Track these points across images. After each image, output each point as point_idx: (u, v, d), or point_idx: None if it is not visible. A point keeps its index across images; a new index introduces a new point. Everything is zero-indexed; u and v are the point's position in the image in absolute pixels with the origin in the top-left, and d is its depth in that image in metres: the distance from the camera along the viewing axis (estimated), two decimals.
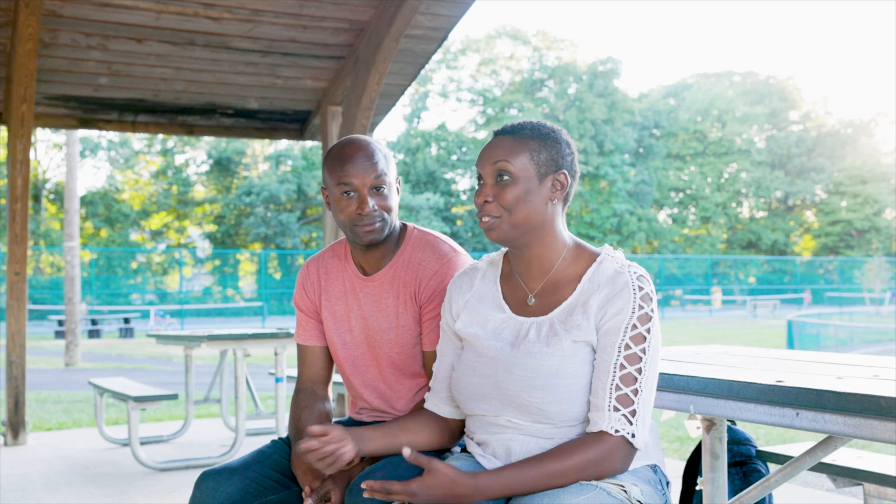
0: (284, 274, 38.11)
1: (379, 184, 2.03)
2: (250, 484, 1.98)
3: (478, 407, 1.79)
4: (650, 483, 1.75)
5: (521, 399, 1.71)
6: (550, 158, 1.77)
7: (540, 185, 1.76)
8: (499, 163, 1.76)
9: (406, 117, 47.32)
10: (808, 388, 1.76)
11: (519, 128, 1.80)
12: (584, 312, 1.72)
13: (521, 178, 1.75)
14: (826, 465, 2.71)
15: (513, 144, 1.77)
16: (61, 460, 5.56)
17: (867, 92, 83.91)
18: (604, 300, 1.71)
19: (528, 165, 1.75)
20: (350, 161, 2.03)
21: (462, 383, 1.81)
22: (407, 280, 2.11)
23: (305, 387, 2.23)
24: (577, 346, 1.71)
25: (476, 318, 1.85)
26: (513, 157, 1.75)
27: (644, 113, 49.10)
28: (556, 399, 1.69)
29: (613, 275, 1.73)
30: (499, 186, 1.76)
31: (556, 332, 1.73)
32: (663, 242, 47.76)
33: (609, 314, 1.69)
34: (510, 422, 1.74)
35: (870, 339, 18.75)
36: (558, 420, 1.70)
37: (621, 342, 1.68)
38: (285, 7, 6.23)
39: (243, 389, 5.39)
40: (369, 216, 2.01)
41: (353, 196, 2.03)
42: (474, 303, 1.87)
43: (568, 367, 1.69)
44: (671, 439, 6.22)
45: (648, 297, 1.70)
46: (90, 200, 38.78)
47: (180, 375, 11.89)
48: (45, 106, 7.09)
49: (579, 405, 1.70)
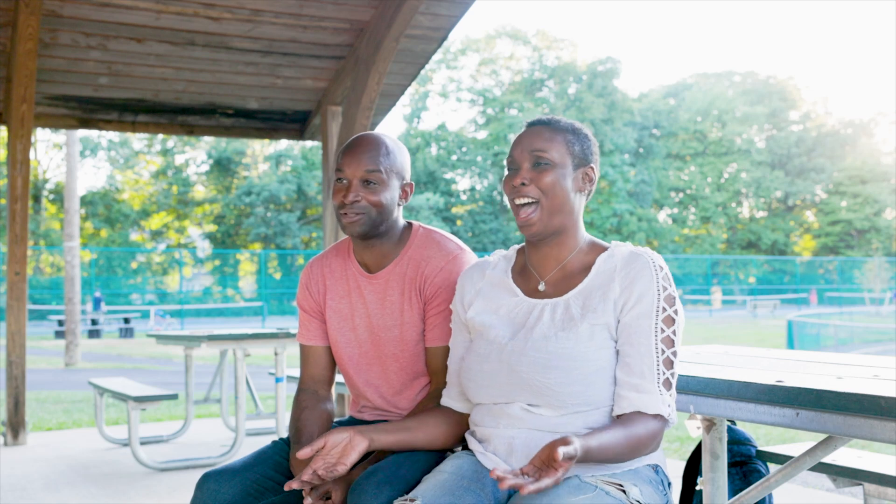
0: (284, 274, 38.12)
1: (370, 178, 2.04)
2: (252, 485, 1.98)
3: (487, 394, 1.79)
4: (651, 483, 1.74)
5: (533, 381, 1.71)
6: (583, 151, 1.83)
7: (574, 175, 1.81)
8: (536, 150, 1.79)
9: (406, 117, 47.33)
10: (808, 388, 1.76)
11: (554, 120, 1.85)
12: (604, 296, 1.73)
13: (559, 165, 1.79)
14: (826, 465, 2.71)
15: (551, 133, 1.81)
16: (61, 460, 5.56)
17: (867, 92, 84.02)
18: (625, 280, 1.73)
19: (565, 153, 1.80)
20: (351, 151, 2.08)
21: (473, 371, 1.82)
22: (412, 277, 2.11)
23: (308, 387, 2.23)
24: (593, 329, 1.72)
25: (489, 305, 1.87)
26: (551, 144, 1.79)
27: (644, 113, 49.10)
28: (570, 381, 1.69)
29: (630, 256, 1.76)
30: (536, 171, 1.79)
31: (571, 315, 1.75)
32: (663, 242, 47.74)
33: (635, 295, 1.71)
34: (521, 409, 1.74)
35: (870, 339, 18.74)
36: (569, 402, 1.70)
37: (656, 326, 1.71)
38: (285, 7, 6.22)
39: (243, 389, 5.39)
40: (350, 206, 2.04)
41: (344, 183, 2.07)
42: (486, 290, 1.90)
43: (583, 350, 1.70)
44: (671, 439, 6.22)
45: (668, 277, 1.74)
46: (90, 200, 38.79)
47: (180, 375, 11.89)
48: (45, 106, 7.09)
49: (592, 388, 1.71)
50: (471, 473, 1.74)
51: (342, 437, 1.77)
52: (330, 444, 1.76)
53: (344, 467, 1.74)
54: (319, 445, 1.74)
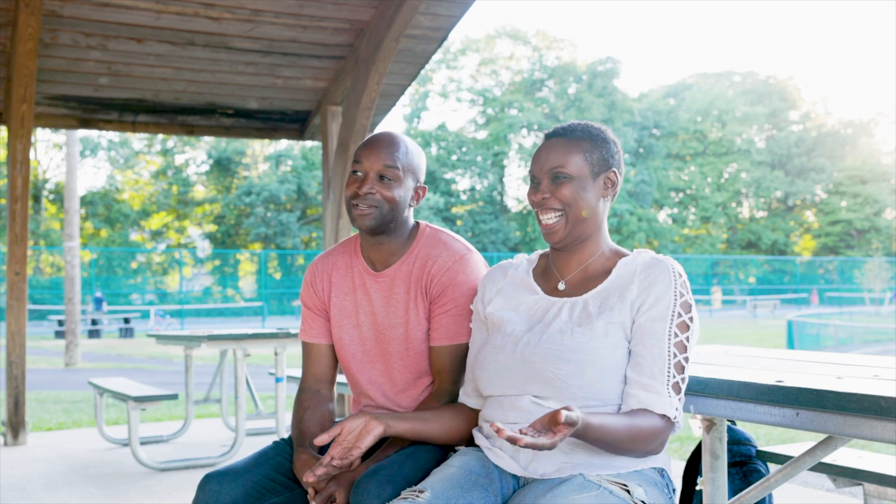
0: (284, 274, 38.12)
1: (386, 173, 2.06)
2: (254, 486, 1.97)
3: (498, 385, 1.80)
4: (656, 486, 1.76)
5: (546, 371, 1.73)
6: (602, 158, 1.84)
7: (594, 184, 1.83)
8: (554, 167, 1.81)
9: (406, 117, 47.34)
10: (808, 388, 1.76)
11: (570, 129, 1.86)
12: (621, 297, 1.76)
13: (577, 177, 1.81)
14: (826, 465, 2.71)
15: (567, 146, 1.83)
16: (61, 460, 5.56)
17: (867, 92, 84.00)
18: (644, 283, 1.75)
19: (582, 165, 1.81)
20: (371, 145, 2.10)
21: (487, 361, 1.84)
22: (418, 276, 2.12)
23: (310, 386, 2.22)
24: (608, 327, 1.74)
25: (509, 302, 1.90)
26: (567, 158, 1.81)
27: (644, 113, 49.10)
28: (581, 374, 1.71)
29: (651, 261, 1.79)
30: (555, 185, 1.81)
31: (589, 313, 1.77)
32: (663, 242, 47.74)
33: (652, 299, 1.73)
34: (530, 402, 1.75)
35: (870, 339, 18.74)
36: (580, 396, 1.72)
37: (670, 330, 1.72)
38: (285, 7, 6.22)
39: (243, 389, 5.39)
40: (364, 198, 2.05)
41: (360, 175, 2.09)
42: (508, 289, 1.93)
43: (597, 345, 1.73)
44: (671, 439, 6.22)
45: (687, 285, 1.76)
46: (90, 200, 38.79)
47: (180, 375, 11.89)
48: (45, 106, 7.09)
49: (603, 385, 1.72)
50: (479, 469, 1.75)
51: (358, 422, 1.78)
52: (346, 430, 1.77)
53: (359, 451, 1.76)
54: (336, 432, 1.76)
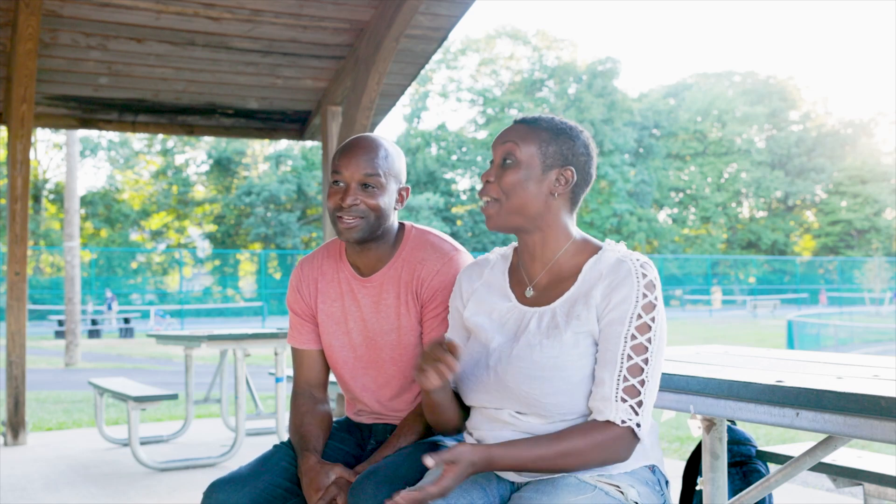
0: (284, 274, 38.08)
1: (368, 181, 2.00)
2: (260, 494, 1.95)
3: (479, 399, 1.79)
4: (648, 484, 1.75)
5: (519, 390, 1.71)
6: (559, 152, 1.79)
7: (543, 176, 1.78)
8: (507, 144, 1.80)
9: (406, 117, 47.33)
10: (808, 388, 1.76)
11: (536, 119, 1.84)
12: (586, 303, 1.72)
13: (525, 165, 1.78)
14: (826, 465, 2.71)
15: (525, 132, 1.81)
16: (61, 460, 5.56)
17: (867, 92, 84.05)
18: (607, 289, 1.71)
19: (534, 154, 1.78)
20: (348, 153, 2.03)
21: (465, 374, 1.82)
22: (407, 279, 2.07)
23: (303, 390, 2.19)
24: (577, 337, 1.71)
25: (483, 307, 1.86)
26: (522, 142, 1.79)
27: (644, 113, 49.10)
28: (554, 391, 1.69)
29: (616, 263, 1.73)
30: (503, 169, 1.80)
31: (556, 323, 1.73)
32: (663, 242, 47.74)
33: (613, 303, 1.69)
34: (510, 416, 1.74)
35: (870, 339, 18.74)
36: (555, 412, 1.70)
37: (627, 332, 1.68)
38: (285, 7, 6.22)
39: (243, 389, 5.38)
40: (348, 209, 1.99)
41: (342, 186, 2.02)
42: (482, 291, 1.89)
43: (567, 358, 1.69)
44: (671, 439, 6.22)
45: (652, 285, 1.70)
46: (90, 200, 38.79)
47: (180, 375, 11.88)
48: (45, 106, 7.09)
49: (577, 398, 1.70)
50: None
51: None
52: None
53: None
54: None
